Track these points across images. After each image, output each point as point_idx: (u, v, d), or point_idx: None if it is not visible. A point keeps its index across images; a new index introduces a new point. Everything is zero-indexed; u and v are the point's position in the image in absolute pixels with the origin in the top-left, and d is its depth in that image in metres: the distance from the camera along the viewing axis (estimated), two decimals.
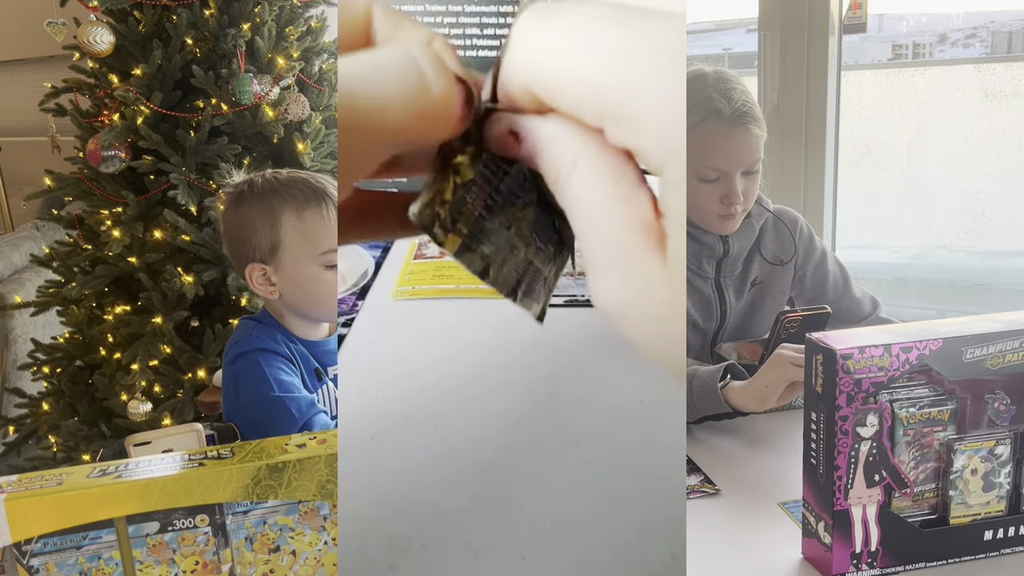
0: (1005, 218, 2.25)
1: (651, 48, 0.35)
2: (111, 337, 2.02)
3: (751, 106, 1.22)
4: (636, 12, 0.36)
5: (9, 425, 2.22)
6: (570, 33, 0.37)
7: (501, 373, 0.95)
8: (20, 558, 0.63)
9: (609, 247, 0.37)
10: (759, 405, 1.09)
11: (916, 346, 0.79)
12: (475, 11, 0.48)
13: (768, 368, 1.08)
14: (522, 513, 0.74)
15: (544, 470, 0.79)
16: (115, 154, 1.94)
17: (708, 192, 1.22)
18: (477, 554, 0.69)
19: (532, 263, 0.44)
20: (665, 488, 0.76)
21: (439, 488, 0.77)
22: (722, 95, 1.21)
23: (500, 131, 0.41)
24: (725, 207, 1.23)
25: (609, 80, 0.35)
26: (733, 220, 1.26)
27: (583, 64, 0.36)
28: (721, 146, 1.20)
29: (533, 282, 0.45)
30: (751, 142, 1.22)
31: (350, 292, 1.25)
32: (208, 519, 0.66)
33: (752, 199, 1.26)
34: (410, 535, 0.71)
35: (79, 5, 1.97)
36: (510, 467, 0.79)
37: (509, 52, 0.39)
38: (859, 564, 0.83)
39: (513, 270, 0.44)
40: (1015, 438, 0.84)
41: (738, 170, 1.21)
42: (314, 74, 2.16)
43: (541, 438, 0.84)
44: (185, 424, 1.22)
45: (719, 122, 1.20)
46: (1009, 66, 2.21)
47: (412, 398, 0.91)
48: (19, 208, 3.50)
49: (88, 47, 1.91)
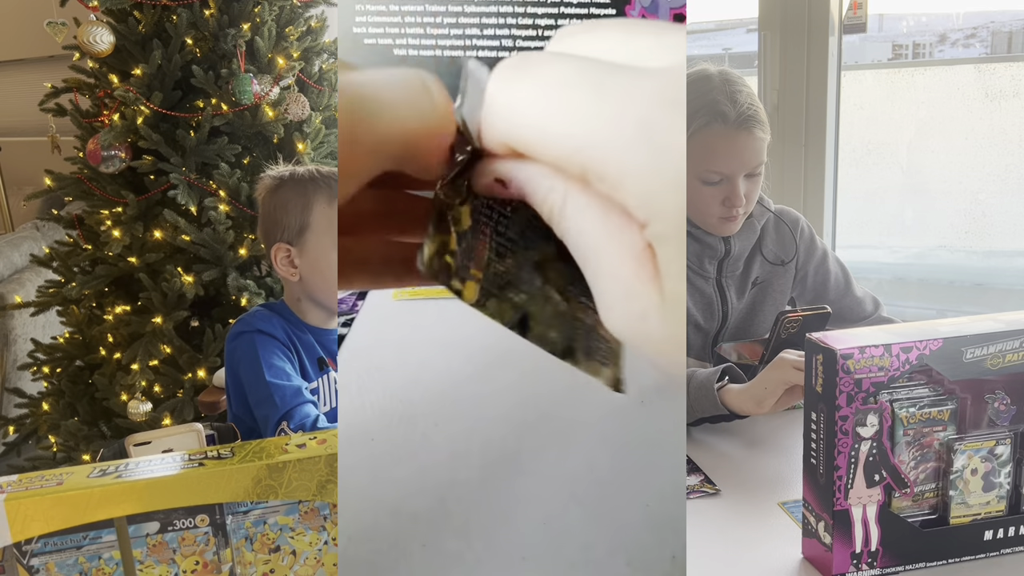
0: (1005, 218, 2.25)
1: (632, 112, 0.34)
2: (111, 337, 2.02)
3: (756, 109, 1.21)
4: (619, 71, 0.35)
5: (9, 425, 2.22)
6: (548, 91, 0.36)
7: (501, 373, 0.95)
8: (20, 558, 0.63)
9: (606, 278, 0.37)
10: (756, 407, 1.09)
11: (916, 346, 0.79)
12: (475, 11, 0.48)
13: (769, 371, 1.09)
14: (522, 514, 0.73)
15: (544, 470, 0.79)
16: (115, 154, 1.94)
17: (710, 194, 1.22)
18: (477, 555, 0.69)
19: (580, 319, 0.42)
20: (665, 488, 0.76)
21: (439, 488, 0.77)
22: (727, 98, 1.20)
23: (486, 182, 0.41)
24: (727, 209, 1.23)
25: (587, 142, 0.35)
26: (734, 222, 1.25)
27: (561, 124, 0.36)
28: (725, 150, 1.19)
29: (589, 341, 0.43)
30: (755, 145, 1.21)
31: (351, 292, 1.25)
32: (208, 519, 0.66)
33: (754, 201, 1.26)
34: (410, 535, 0.71)
35: (79, 5, 1.97)
36: (510, 467, 0.79)
37: (487, 107, 0.39)
38: (859, 564, 0.83)
39: (560, 328, 0.42)
40: (1015, 438, 0.84)
41: (741, 173, 1.21)
42: (314, 74, 2.16)
43: (541, 438, 0.84)
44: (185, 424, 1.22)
45: (724, 126, 1.19)
46: (1009, 66, 2.21)
47: (412, 398, 0.91)
48: (19, 208, 3.50)
49: (88, 47, 1.91)
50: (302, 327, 1.26)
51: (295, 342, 1.24)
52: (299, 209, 1.22)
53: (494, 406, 0.89)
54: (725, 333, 1.35)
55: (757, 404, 1.09)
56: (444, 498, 0.75)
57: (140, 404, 1.87)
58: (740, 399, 1.10)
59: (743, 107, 1.20)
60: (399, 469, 0.79)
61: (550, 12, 0.54)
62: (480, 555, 0.69)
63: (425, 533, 0.71)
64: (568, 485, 0.77)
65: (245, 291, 1.91)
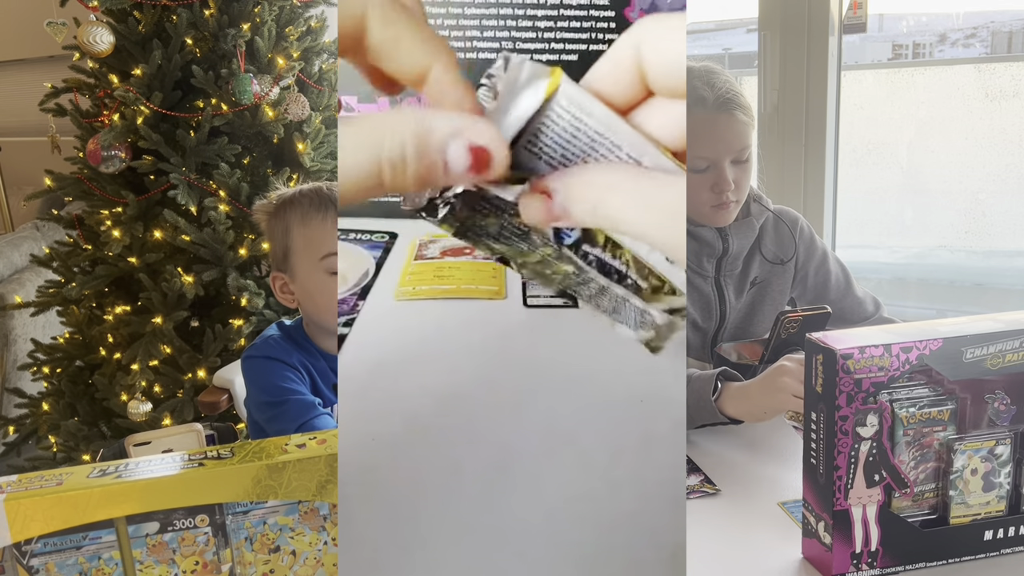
0: (1005, 218, 2.25)
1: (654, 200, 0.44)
2: (111, 337, 2.02)
3: (735, 94, 1.23)
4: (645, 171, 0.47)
5: (9, 425, 2.22)
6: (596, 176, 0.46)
7: (501, 373, 0.95)
8: (20, 558, 0.63)
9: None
10: (751, 419, 1.13)
11: (916, 346, 0.79)
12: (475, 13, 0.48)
13: (772, 392, 1.09)
14: (522, 513, 0.74)
15: (544, 470, 0.79)
16: (115, 154, 1.94)
17: (699, 182, 1.22)
18: (477, 554, 0.69)
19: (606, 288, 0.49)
20: (665, 488, 0.76)
21: (439, 488, 0.77)
22: (705, 84, 1.22)
23: (534, 204, 0.46)
24: (716, 196, 1.23)
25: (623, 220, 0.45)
26: (726, 210, 1.25)
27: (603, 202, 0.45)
28: (707, 134, 1.21)
29: (618, 304, 0.48)
30: (737, 128, 1.22)
31: (351, 292, 1.25)
32: (208, 519, 0.66)
33: (744, 189, 1.26)
34: (410, 535, 0.71)
35: (79, 5, 1.97)
36: (510, 467, 0.79)
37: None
38: (859, 564, 0.83)
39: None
40: (1015, 438, 0.84)
41: (727, 157, 1.22)
42: (314, 74, 2.16)
43: (541, 438, 0.84)
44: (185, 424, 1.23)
45: (704, 110, 1.21)
46: (1009, 66, 2.21)
47: (412, 398, 0.91)
48: (19, 208, 3.49)
49: (88, 47, 1.91)
50: (315, 354, 1.23)
51: (309, 369, 1.21)
52: (280, 234, 1.21)
53: (494, 405, 0.89)
54: (724, 333, 1.35)
55: (755, 419, 1.13)
56: (444, 498, 0.75)
57: (140, 404, 1.87)
58: (739, 411, 1.12)
59: (721, 90, 1.21)
60: (399, 469, 0.79)
61: (550, 14, 0.54)
62: (480, 554, 0.69)
63: (425, 533, 0.71)
64: (567, 484, 0.77)
65: (245, 291, 1.90)
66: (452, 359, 0.99)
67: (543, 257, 0.47)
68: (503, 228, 0.45)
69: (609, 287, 0.48)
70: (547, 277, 0.48)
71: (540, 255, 0.46)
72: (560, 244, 0.47)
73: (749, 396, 1.11)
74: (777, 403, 1.08)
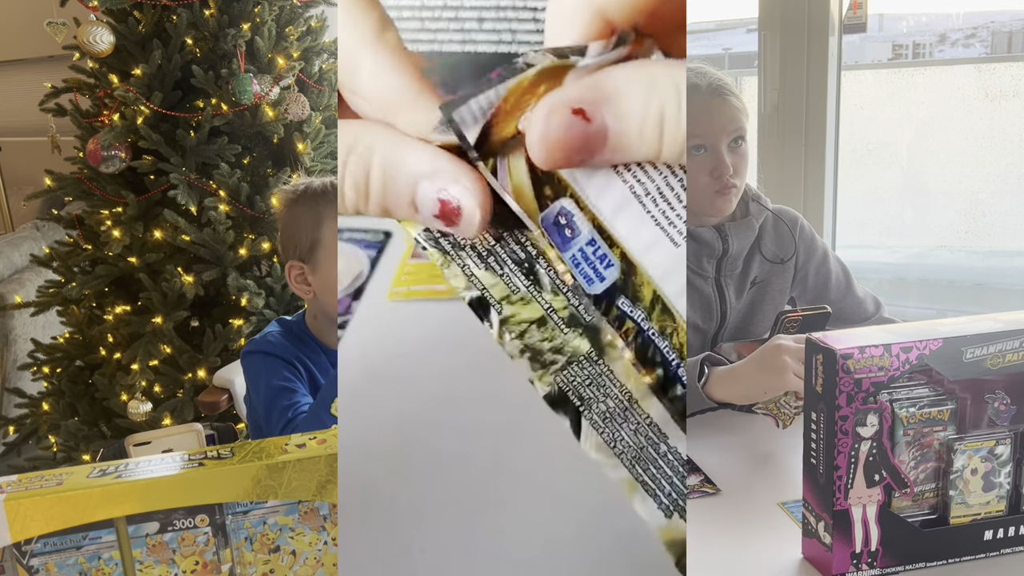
0: (1005, 218, 2.25)
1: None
2: (111, 337, 2.02)
3: (727, 83, 1.27)
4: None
5: (9, 425, 2.22)
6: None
7: (498, 375, 0.95)
8: (20, 558, 0.63)
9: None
10: (746, 401, 1.11)
11: (916, 346, 0.79)
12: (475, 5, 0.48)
13: (771, 372, 1.06)
14: (521, 515, 0.73)
15: (543, 472, 0.79)
16: (115, 154, 1.94)
17: (697, 166, 1.24)
18: (476, 559, 0.69)
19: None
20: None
21: (437, 491, 0.77)
22: (695, 75, 1.26)
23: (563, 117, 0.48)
24: (716, 180, 1.24)
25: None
26: (727, 197, 1.25)
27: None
28: (702, 117, 1.23)
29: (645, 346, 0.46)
30: (730, 111, 1.25)
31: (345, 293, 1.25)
32: (208, 519, 0.66)
33: (743, 175, 1.27)
34: (409, 539, 0.71)
35: (79, 5, 1.97)
36: (508, 469, 0.79)
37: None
38: (859, 564, 0.83)
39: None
40: (1015, 438, 0.84)
41: (723, 140, 1.24)
42: (314, 74, 2.16)
43: (539, 440, 0.83)
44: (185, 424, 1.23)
45: (697, 96, 1.24)
46: (1009, 66, 2.21)
47: (409, 399, 0.91)
48: (19, 208, 3.50)
49: (88, 47, 1.90)
50: (317, 349, 1.23)
51: (307, 364, 1.21)
52: (310, 225, 1.20)
53: (491, 408, 0.89)
54: (724, 333, 1.35)
55: (748, 400, 1.10)
56: (443, 500, 0.75)
57: (140, 404, 1.87)
58: (730, 394, 1.11)
59: (713, 79, 1.26)
60: (398, 471, 0.79)
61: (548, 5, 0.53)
62: (479, 559, 0.69)
63: (423, 537, 0.71)
64: (567, 486, 0.77)
65: (245, 291, 1.90)
66: (448, 360, 0.99)
67: (543, 315, 0.40)
68: (495, 245, 0.40)
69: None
70: (539, 349, 0.39)
71: (545, 301, 0.39)
72: (583, 294, 0.35)
73: (742, 378, 1.10)
74: (779, 382, 1.05)
